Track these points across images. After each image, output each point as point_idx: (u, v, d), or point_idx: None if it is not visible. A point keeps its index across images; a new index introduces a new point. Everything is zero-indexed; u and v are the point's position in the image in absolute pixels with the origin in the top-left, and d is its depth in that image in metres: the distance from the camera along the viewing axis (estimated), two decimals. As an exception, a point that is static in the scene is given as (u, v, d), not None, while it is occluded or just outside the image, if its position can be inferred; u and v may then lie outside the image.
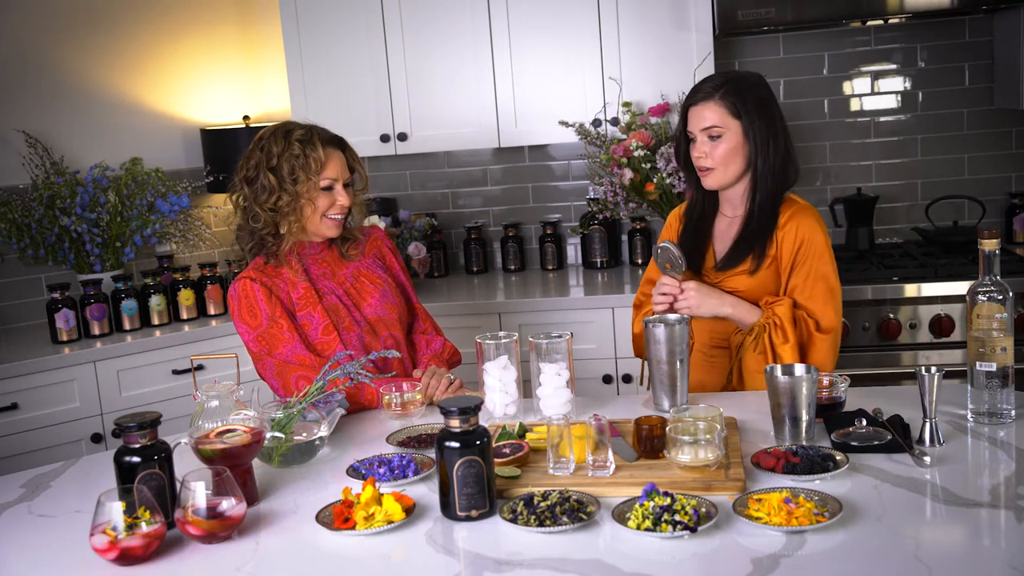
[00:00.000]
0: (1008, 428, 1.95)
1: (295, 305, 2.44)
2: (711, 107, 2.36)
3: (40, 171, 3.65)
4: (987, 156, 3.82)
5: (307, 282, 2.46)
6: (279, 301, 2.41)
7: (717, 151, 2.37)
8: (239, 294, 2.41)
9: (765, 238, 2.39)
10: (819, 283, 2.35)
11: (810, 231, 2.37)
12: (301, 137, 2.42)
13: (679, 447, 1.80)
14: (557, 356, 2.17)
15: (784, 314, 2.32)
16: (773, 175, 2.38)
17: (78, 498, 1.95)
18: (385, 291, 2.54)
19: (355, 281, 2.53)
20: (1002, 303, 1.96)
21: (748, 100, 2.36)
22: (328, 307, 2.46)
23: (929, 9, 3.40)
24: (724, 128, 2.36)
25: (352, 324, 2.47)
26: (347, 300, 2.50)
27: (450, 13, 3.73)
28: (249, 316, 2.40)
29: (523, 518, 1.65)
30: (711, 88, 2.38)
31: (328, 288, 2.49)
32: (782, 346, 2.31)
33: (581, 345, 3.42)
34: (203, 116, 4.09)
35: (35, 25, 3.72)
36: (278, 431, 1.98)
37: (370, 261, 2.58)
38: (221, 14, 4.13)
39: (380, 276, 2.56)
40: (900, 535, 1.55)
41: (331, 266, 2.53)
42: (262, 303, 2.40)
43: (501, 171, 4.16)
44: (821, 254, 2.36)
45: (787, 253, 2.37)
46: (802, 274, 2.36)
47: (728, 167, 2.38)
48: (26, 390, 3.18)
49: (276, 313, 2.40)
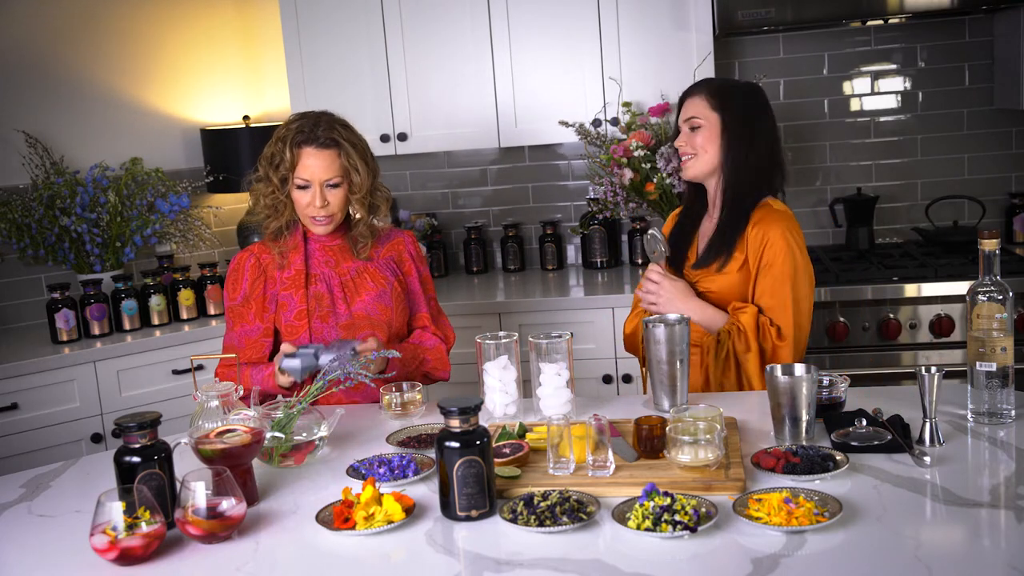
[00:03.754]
0: (1008, 428, 1.95)
1: (280, 284, 2.49)
2: (695, 99, 2.48)
3: (40, 171, 3.65)
4: (987, 156, 3.82)
5: (302, 265, 2.50)
6: (264, 280, 2.50)
7: (695, 140, 2.46)
8: (233, 264, 2.56)
9: (734, 238, 2.43)
10: (781, 289, 2.38)
11: (777, 236, 2.39)
12: (283, 135, 2.46)
13: (679, 447, 1.80)
14: (557, 356, 2.18)
15: (747, 322, 2.36)
16: (744, 174, 2.43)
17: (78, 498, 1.95)
18: (383, 293, 2.53)
19: (356, 276, 2.53)
20: (1002, 303, 1.96)
21: (733, 100, 2.45)
22: (312, 294, 2.49)
23: (929, 9, 3.40)
24: (702, 119, 2.45)
25: (329, 315, 2.49)
26: (338, 292, 2.51)
27: (450, 13, 3.73)
28: (231, 287, 2.54)
29: (523, 518, 1.65)
30: (703, 84, 2.51)
31: (322, 276, 2.51)
32: (744, 354, 2.36)
33: (581, 345, 3.42)
34: (203, 116, 4.09)
35: (35, 25, 3.72)
36: (278, 431, 1.98)
37: (382, 262, 2.57)
38: (221, 14, 4.13)
39: (385, 278, 2.55)
40: (900, 535, 1.55)
41: (336, 256, 2.54)
42: (245, 281, 2.51)
43: (501, 171, 4.16)
44: (784, 260, 2.38)
45: (752, 256, 2.41)
46: (767, 280, 2.39)
47: (703, 155, 2.45)
48: (26, 390, 3.18)
49: (253, 294, 2.50)
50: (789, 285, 2.38)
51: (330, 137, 2.45)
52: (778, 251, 2.38)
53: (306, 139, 2.43)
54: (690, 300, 2.44)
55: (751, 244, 2.41)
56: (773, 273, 2.38)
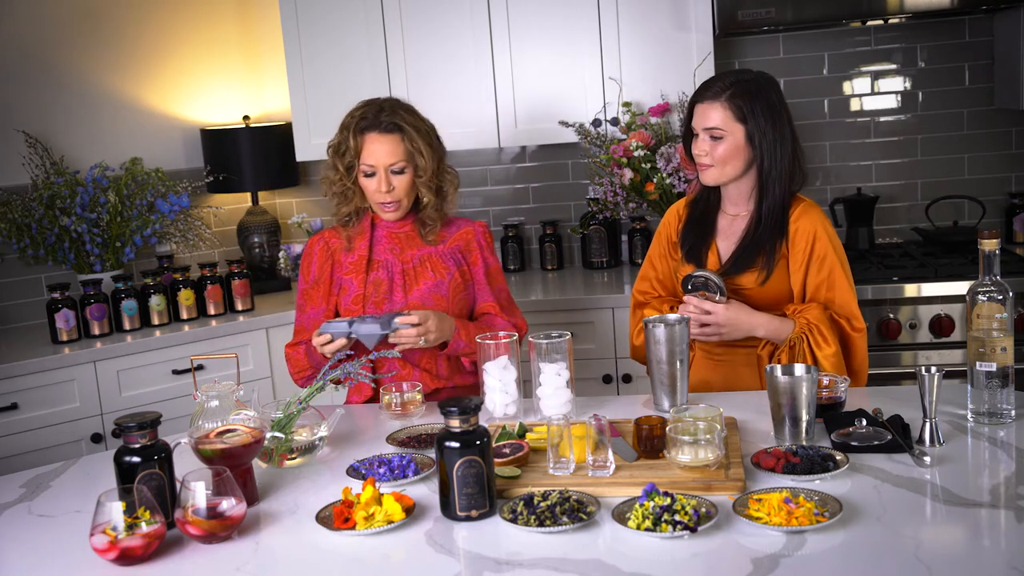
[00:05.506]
0: (1008, 428, 1.95)
1: (344, 268, 2.55)
2: (717, 108, 2.36)
3: (40, 171, 3.65)
4: (987, 156, 3.82)
5: (366, 250, 2.55)
6: (332, 264, 2.57)
7: (717, 151, 2.37)
8: (306, 249, 2.64)
9: (776, 241, 2.38)
10: (840, 280, 2.35)
11: (821, 230, 2.36)
12: (347, 122, 2.50)
13: (679, 447, 1.80)
14: (557, 356, 2.17)
15: (819, 318, 2.30)
16: (780, 180, 2.37)
17: (78, 498, 1.96)
18: (441, 283, 2.52)
19: (418, 264, 2.54)
20: (1002, 303, 1.96)
21: (756, 104, 2.34)
22: (372, 280, 2.53)
23: (929, 9, 3.40)
24: (726, 131, 2.35)
25: (384, 301, 2.51)
26: (398, 279, 2.53)
27: (450, 13, 3.73)
28: (304, 271, 2.62)
29: (523, 518, 1.65)
30: (719, 88, 2.37)
31: (385, 262, 2.55)
32: (824, 350, 2.28)
33: (581, 345, 3.42)
34: (203, 116, 4.09)
35: (35, 25, 3.72)
36: (278, 431, 1.98)
37: (448, 251, 2.57)
38: (221, 14, 4.13)
39: (447, 268, 2.55)
40: (900, 535, 1.55)
41: (402, 243, 2.57)
42: (314, 264, 2.59)
43: (501, 171, 4.16)
44: (835, 251, 2.36)
45: (798, 252, 2.36)
46: (823, 272, 2.35)
47: (725, 167, 2.38)
48: (26, 390, 3.18)
49: (321, 277, 2.57)
50: (844, 275, 2.36)
51: (392, 122, 2.46)
52: (826, 243, 2.35)
53: (369, 125, 2.46)
54: (753, 316, 2.34)
55: (795, 240, 2.36)
56: (828, 265, 2.35)
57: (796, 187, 2.43)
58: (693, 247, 2.48)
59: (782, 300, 2.40)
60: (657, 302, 2.56)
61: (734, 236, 2.45)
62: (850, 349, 2.35)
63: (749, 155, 2.37)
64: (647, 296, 2.60)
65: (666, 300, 2.57)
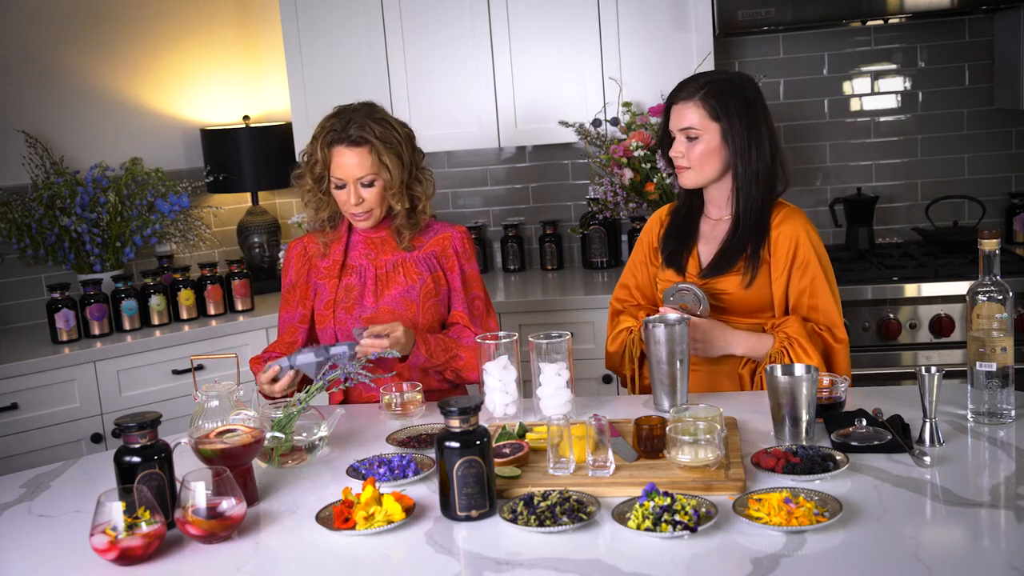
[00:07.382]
0: (1008, 428, 1.95)
1: (320, 273, 2.57)
2: (691, 107, 2.33)
3: (40, 171, 3.65)
4: (987, 156, 3.82)
5: (340, 255, 2.56)
6: (308, 268, 2.58)
7: (693, 152, 2.34)
8: (286, 252, 2.67)
9: (757, 245, 2.35)
10: (822, 287, 2.32)
11: (803, 236, 2.33)
12: (317, 133, 2.50)
13: (679, 447, 1.80)
14: (557, 356, 2.17)
15: (799, 332, 2.26)
16: (757, 180, 2.33)
17: (78, 498, 1.96)
18: (412, 288, 2.51)
19: (391, 269, 2.54)
20: (1002, 303, 1.96)
21: (730, 102, 2.31)
22: (344, 284, 2.53)
23: (929, 9, 3.40)
24: (701, 130, 2.32)
25: (355, 306, 2.51)
26: (370, 284, 2.52)
27: (450, 13, 3.73)
28: (284, 274, 2.65)
29: (523, 518, 1.65)
30: (694, 88, 2.35)
31: (359, 267, 2.55)
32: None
33: (581, 345, 3.42)
34: (203, 116, 4.09)
35: (35, 25, 3.72)
36: (278, 431, 1.98)
37: (423, 256, 2.55)
38: (221, 14, 4.13)
39: (419, 273, 2.53)
40: (900, 535, 1.55)
41: (377, 248, 2.57)
42: (292, 268, 2.61)
43: (501, 171, 4.16)
44: (818, 258, 2.33)
45: (779, 257, 2.33)
46: (805, 279, 2.32)
47: (703, 168, 2.35)
48: (26, 390, 3.18)
49: (299, 281, 2.59)
50: (827, 283, 2.32)
51: (360, 135, 2.43)
52: (809, 249, 2.32)
53: (337, 138, 2.45)
54: (730, 335, 2.32)
55: (777, 245, 2.33)
56: (811, 272, 2.31)
57: (780, 189, 2.39)
58: (673, 252, 2.45)
59: (764, 307, 2.36)
60: (634, 310, 2.53)
61: (716, 240, 2.42)
62: (832, 361, 2.32)
63: (727, 155, 2.34)
64: (624, 304, 2.57)
65: (644, 308, 2.53)
